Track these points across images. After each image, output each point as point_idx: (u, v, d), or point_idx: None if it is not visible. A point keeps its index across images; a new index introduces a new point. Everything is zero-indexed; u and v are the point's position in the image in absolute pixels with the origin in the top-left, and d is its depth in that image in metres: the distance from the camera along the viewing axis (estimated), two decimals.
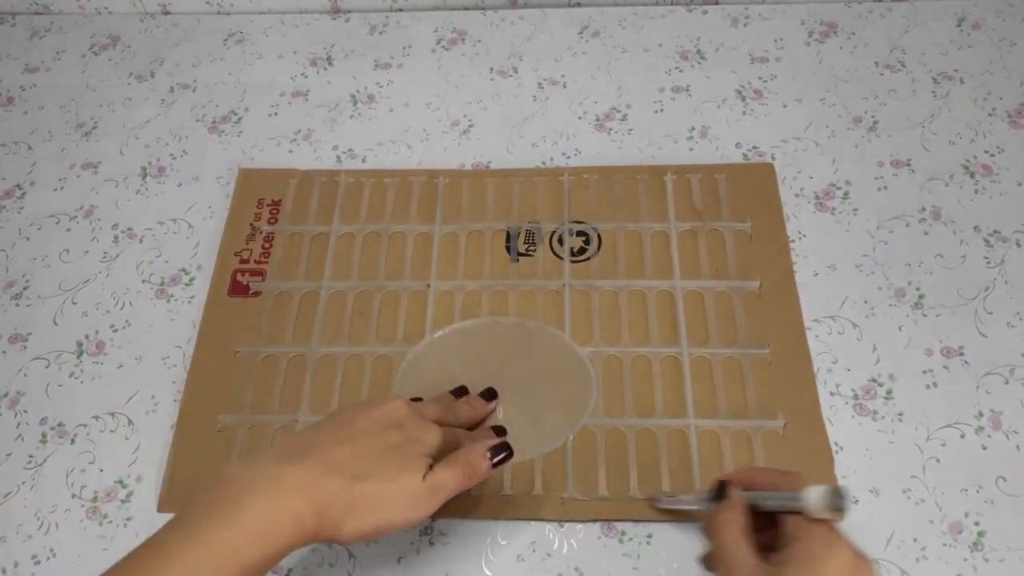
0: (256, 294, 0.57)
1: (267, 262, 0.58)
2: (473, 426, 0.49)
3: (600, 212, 0.59)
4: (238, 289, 0.57)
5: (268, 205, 0.61)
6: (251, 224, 0.60)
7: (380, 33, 0.72)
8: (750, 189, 0.59)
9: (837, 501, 0.35)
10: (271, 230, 0.60)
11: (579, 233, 0.58)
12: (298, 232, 0.60)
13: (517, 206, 0.60)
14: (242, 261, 0.59)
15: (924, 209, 0.58)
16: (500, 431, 0.49)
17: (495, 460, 0.42)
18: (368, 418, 0.41)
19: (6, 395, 0.55)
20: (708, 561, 0.40)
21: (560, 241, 0.58)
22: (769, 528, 0.37)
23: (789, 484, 0.37)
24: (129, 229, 0.62)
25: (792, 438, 0.49)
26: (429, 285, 0.57)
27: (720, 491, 0.39)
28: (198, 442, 0.52)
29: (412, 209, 0.60)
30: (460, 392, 0.50)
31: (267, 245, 0.59)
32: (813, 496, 0.35)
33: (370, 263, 0.58)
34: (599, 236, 0.58)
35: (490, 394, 0.51)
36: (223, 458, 0.51)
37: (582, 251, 0.57)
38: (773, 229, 0.57)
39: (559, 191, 0.60)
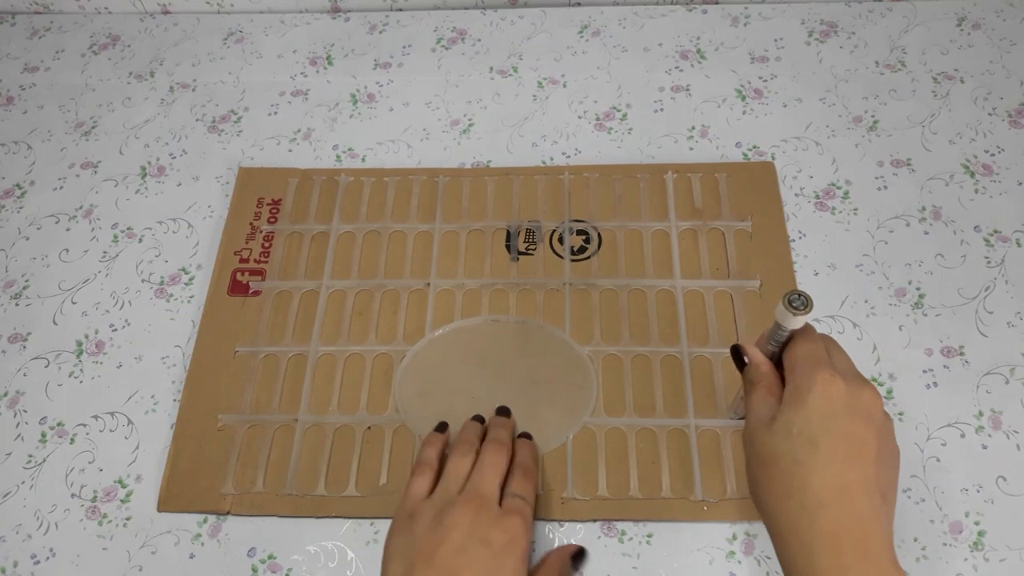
0: (256, 293, 0.57)
1: (267, 261, 0.58)
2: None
3: (600, 211, 0.59)
4: (238, 288, 0.57)
5: (268, 204, 0.61)
6: (251, 223, 0.60)
7: (380, 32, 0.72)
8: (751, 188, 0.59)
9: (792, 299, 0.36)
10: (271, 229, 0.60)
11: (579, 232, 0.58)
12: (298, 231, 0.60)
13: (517, 205, 0.60)
14: (242, 260, 0.59)
15: (924, 209, 0.58)
16: (504, 411, 0.50)
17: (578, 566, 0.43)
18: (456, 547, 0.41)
19: (6, 395, 0.55)
20: None
21: (560, 240, 0.58)
22: None
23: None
24: (129, 229, 0.62)
25: None
26: (429, 284, 0.57)
27: (738, 357, 0.40)
28: (198, 441, 0.52)
29: (412, 208, 0.60)
30: (480, 419, 0.50)
31: (267, 244, 0.59)
32: (777, 310, 0.36)
33: (370, 262, 0.58)
34: (599, 235, 0.58)
35: (505, 411, 0.51)
36: (223, 457, 0.51)
37: (582, 250, 0.57)
38: (774, 228, 0.57)
39: (559, 190, 0.60)
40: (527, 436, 0.50)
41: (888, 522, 0.36)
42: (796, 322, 0.37)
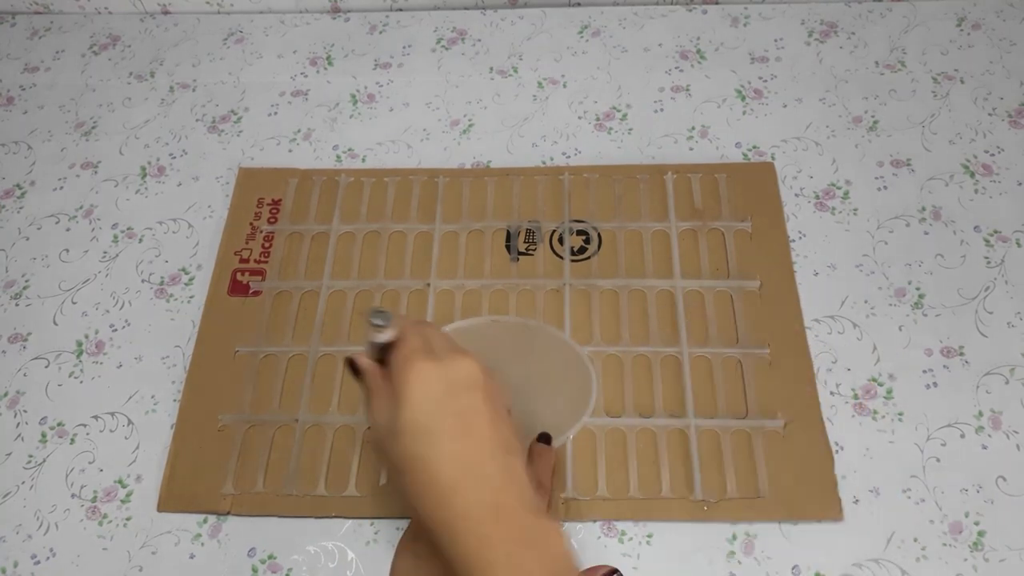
0: (256, 293, 0.57)
1: (267, 261, 0.58)
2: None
3: (600, 211, 0.59)
4: (238, 289, 0.57)
5: (268, 204, 0.61)
6: (251, 223, 0.60)
7: (380, 33, 0.72)
8: (750, 188, 0.59)
9: (373, 319, 0.38)
10: (271, 229, 0.60)
11: (579, 232, 0.58)
12: (298, 231, 0.60)
13: (517, 205, 0.60)
14: (242, 261, 0.59)
15: (924, 209, 0.58)
16: (547, 438, 0.49)
17: None
18: None
19: (6, 395, 0.55)
20: None
21: (560, 240, 0.58)
22: None
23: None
24: (129, 229, 0.62)
25: (792, 438, 0.49)
26: (429, 284, 0.57)
27: (354, 367, 0.40)
28: (198, 441, 0.52)
29: (412, 208, 0.60)
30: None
31: (267, 244, 0.59)
32: (365, 329, 0.38)
33: (370, 262, 0.58)
34: (599, 235, 0.58)
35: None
36: (223, 457, 0.51)
37: (582, 250, 0.57)
38: (773, 228, 0.57)
39: (559, 190, 0.60)
40: (546, 439, 0.49)
41: (519, 473, 0.37)
42: (382, 338, 0.38)
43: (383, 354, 0.40)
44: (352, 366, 0.40)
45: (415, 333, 0.39)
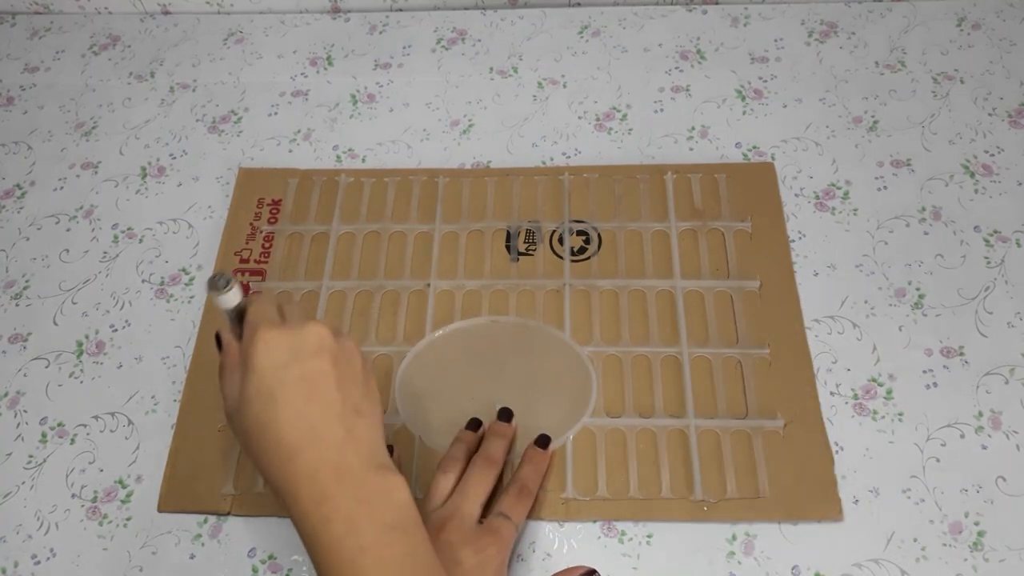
0: (256, 294, 0.57)
1: (267, 262, 0.58)
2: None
3: (600, 211, 0.59)
4: None
5: (268, 205, 0.61)
6: (251, 224, 0.60)
7: (380, 33, 0.72)
8: (750, 188, 0.59)
9: (216, 281, 0.38)
10: (271, 230, 0.60)
11: (579, 232, 0.58)
12: (298, 232, 0.60)
13: (517, 205, 0.60)
14: (242, 261, 0.59)
15: (924, 209, 0.58)
16: (507, 413, 0.50)
17: None
18: None
19: (6, 395, 0.55)
20: None
21: (560, 240, 0.58)
22: None
23: None
24: (129, 229, 0.62)
25: (792, 438, 0.49)
26: (429, 284, 0.57)
27: (218, 341, 0.41)
28: (198, 442, 0.52)
29: (412, 208, 0.60)
30: (476, 424, 0.50)
31: (267, 245, 0.59)
32: (208, 295, 0.38)
33: (370, 263, 0.58)
34: (599, 235, 0.58)
35: (507, 414, 0.50)
36: (223, 457, 0.51)
37: (582, 250, 0.57)
38: (773, 228, 0.58)
39: (559, 190, 0.60)
40: (544, 442, 0.49)
41: (370, 432, 0.38)
42: (226, 301, 0.38)
43: (239, 324, 0.40)
44: (217, 340, 0.41)
45: (265, 301, 0.40)
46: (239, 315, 0.40)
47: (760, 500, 0.47)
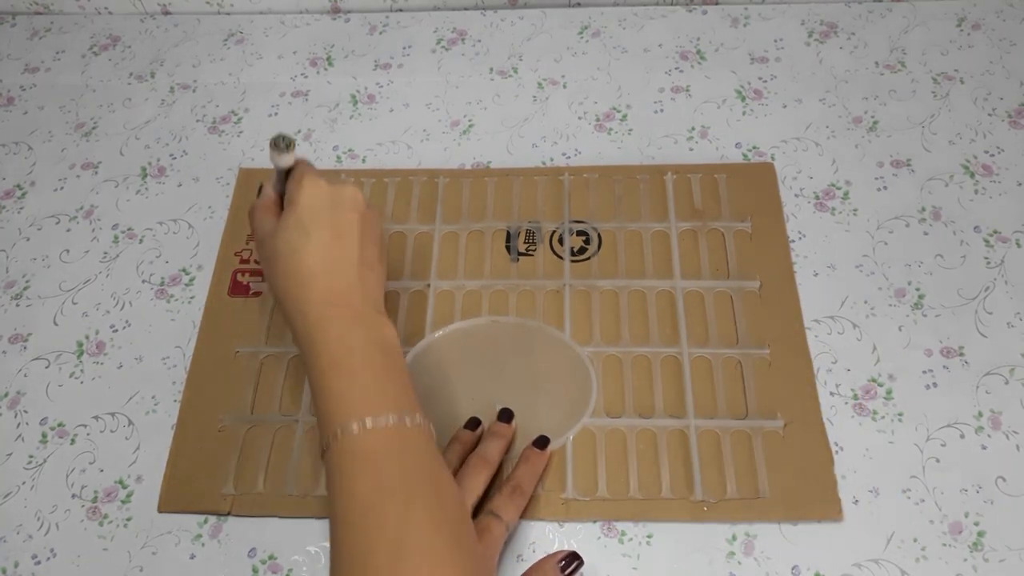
0: (257, 294, 0.57)
1: None
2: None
3: (600, 212, 0.59)
4: (239, 289, 0.57)
5: None
6: None
7: (380, 33, 0.72)
8: (751, 189, 0.59)
9: (279, 141, 0.44)
10: None
11: (579, 233, 0.58)
12: None
13: (517, 206, 0.60)
14: (243, 261, 0.59)
15: (924, 209, 0.58)
16: (508, 414, 0.50)
17: (567, 572, 0.44)
18: None
19: (6, 395, 0.55)
20: None
21: (560, 241, 0.58)
22: None
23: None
24: (129, 229, 0.62)
25: (792, 439, 0.49)
26: (429, 285, 0.57)
27: (260, 190, 0.48)
28: (198, 441, 0.52)
29: (412, 209, 0.60)
30: (474, 423, 0.50)
31: None
32: (269, 155, 0.44)
33: None
34: (599, 236, 0.58)
35: (507, 415, 0.50)
36: (224, 457, 0.51)
37: (582, 251, 0.58)
38: (773, 229, 0.58)
39: (559, 190, 0.60)
40: (542, 444, 0.49)
41: (376, 285, 0.45)
42: (283, 161, 0.45)
43: (282, 188, 0.46)
44: (260, 189, 0.48)
45: (311, 165, 0.46)
46: (286, 176, 0.46)
47: (760, 500, 0.47)
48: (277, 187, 0.47)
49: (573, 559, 0.44)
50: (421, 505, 0.37)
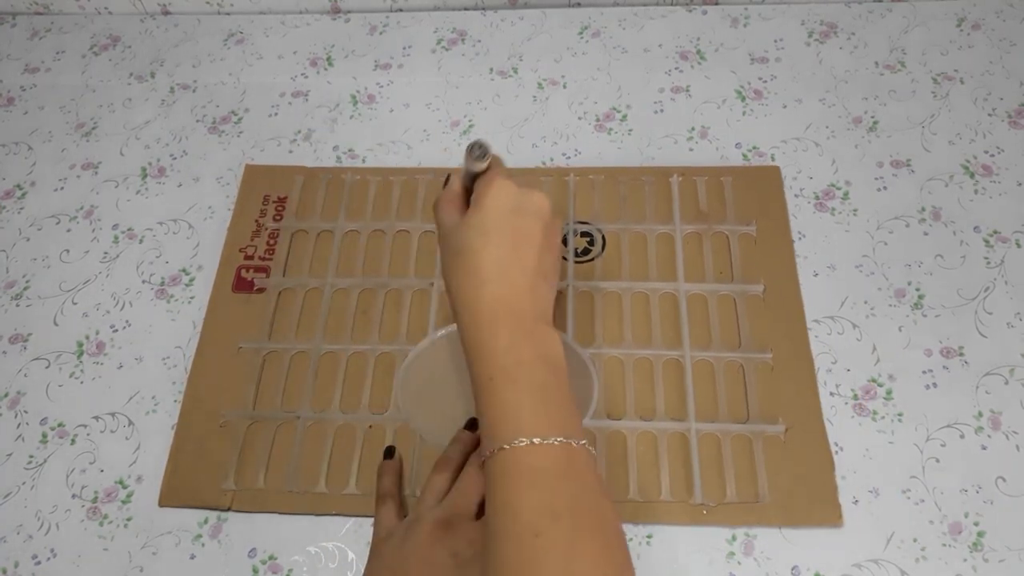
0: (260, 290, 0.57)
1: (272, 259, 0.58)
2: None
3: (605, 213, 0.59)
4: (242, 285, 0.57)
5: (274, 202, 0.61)
6: (256, 221, 0.60)
7: (380, 33, 0.72)
8: (755, 192, 0.59)
9: (474, 149, 0.44)
10: (276, 227, 0.60)
11: (583, 234, 0.58)
12: (303, 229, 0.60)
13: None
14: (247, 257, 0.59)
15: (924, 209, 0.58)
16: None
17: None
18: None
19: (6, 395, 0.55)
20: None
21: (564, 241, 0.58)
22: None
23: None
24: (129, 229, 0.62)
25: (793, 443, 0.49)
26: (433, 284, 0.57)
27: (446, 182, 0.47)
28: (200, 436, 0.52)
29: (417, 207, 0.60)
30: (474, 424, 0.50)
31: (272, 242, 0.59)
32: (464, 159, 0.44)
33: (374, 261, 0.58)
34: (603, 237, 0.58)
35: None
36: (225, 453, 0.51)
37: (586, 252, 0.58)
38: (778, 232, 0.57)
39: (564, 191, 0.60)
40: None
41: (547, 296, 0.43)
42: (475, 167, 0.45)
43: (471, 183, 0.46)
44: (446, 181, 0.48)
45: (504, 167, 0.46)
46: (474, 178, 0.46)
47: (760, 505, 0.48)
48: (465, 182, 0.47)
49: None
50: (588, 535, 0.36)
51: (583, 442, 0.39)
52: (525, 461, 0.38)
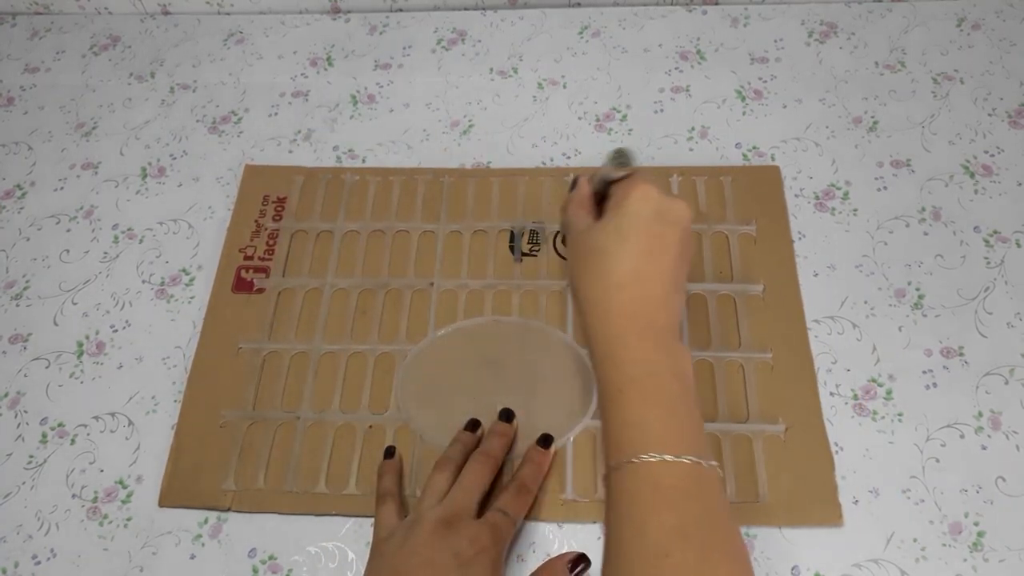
0: (260, 291, 0.57)
1: (271, 259, 0.58)
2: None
3: None
4: (242, 286, 0.57)
5: (273, 202, 0.61)
6: (256, 221, 0.60)
7: (380, 33, 0.72)
8: (755, 192, 0.59)
9: (618, 156, 0.43)
10: (276, 227, 0.60)
11: None
12: (303, 229, 0.60)
13: (521, 206, 0.60)
14: (246, 258, 0.59)
15: (924, 209, 0.58)
16: (508, 414, 0.50)
17: (575, 573, 0.44)
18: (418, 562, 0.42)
19: (6, 395, 0.55)
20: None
21: (564, 241, 0.58)
22: None
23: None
24: (129, 229, 0.62)
25: (793, 443, 0.49)
26: (432, 284, 0.57)
27: (573, 183, 0.48)
28: (200, 436, 0.52)
29: (417, 208, 0.60)
30: (474, 425, 0.50)
31: (271, 242, 0.59)
32: (603, 166, 0.44)
33: (374, 261, 0.58)
34: None
35: (507, 415, 0.50)
36: (225, 453, 0.51)
37: None
38: (778, 232, 0.57)
39: (564, 191, 0.60)
40: (546, 442, 0.49)
41: (678, 309, 0.43)
42: (611, 175, 0.45)
43: (604, 188, 0.46)
44: (574, 182, 0.48)
45: (645, 173, 0.45)
46: (608, 183, 0.46)
47: (760, 505, 0.47)
48: (596, 186, 0.46)
49: (582, 560, 0.44)
50: (719, 558, 0.35)
51: (714, 463, 0.38)
52: (654, 477, 0.37)
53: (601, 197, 0.47)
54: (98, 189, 0.64)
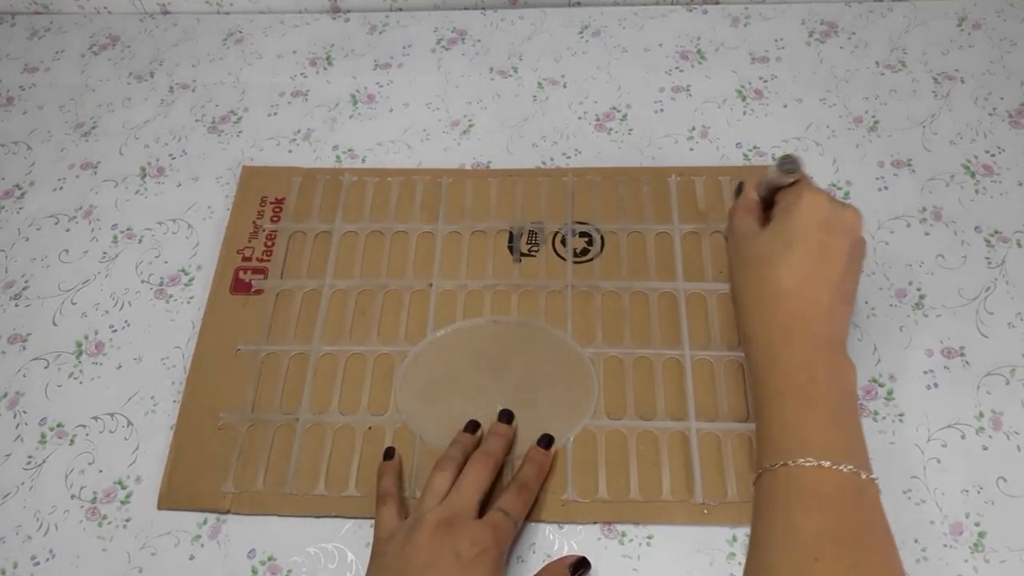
0: (258, 292, 0.57)
1: (270, 260, 0.58)
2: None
3: (603, 213, 0.59)
4: (240, 287, 0.57)
5: (271, 203, 0.61)
6: (254, 222, 0.60)
7: (380, 33, 0.72)
8: None
9: (785, 162, 0.43)
10: (274, 228, 0.60)
11: (582, 234, 0.58)
12: (301, 230, 0.60)
13: (520, 206, 0.60)
14: (244, 259, 0.59)
15: (924, 209, 0.58)
16: (508, 415, 0.50)
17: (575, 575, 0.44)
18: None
19: (5, 396, 0.55)
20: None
21: (563, 242, 0.58)
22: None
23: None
24: (128, 229, 0.62)
25: None
26: (431, 284, 0.57)
27: (739, 189, 0.48)
28: (199, 439, 0.52)
29: (415, 208, 0.60)
30: (474, 426, 0.50)
31: (270, 243, 0.59)
32: (770, 171, 0.44)
33: (373, 262, 0.58)
34: (602, 237, 0.58)
35: (507, 416, 0.50)
36: (224, 455, 0.51)
37: (585, 252, 0.57)
38: None
39: (563, 192, 0.60)
40: (546, 443, 0.49)
41: (845, 321, 0.42)
42: (781, 180, 0.44)
43: (770, 195, 0.46)
44: (739, 188, 0.48)
45: (815, 185, 0.44)
46: (775, 190, 0.45)
47: None
48: (761, 192, 0.46)
49: (582, 564, 0.44)
50: (872, 570, 0.35)
51: (874, 477, 0.37)
52: (810, 482, 0.36)
53: (768, 203, 0.47)
54: (97, 189, 0.64)
